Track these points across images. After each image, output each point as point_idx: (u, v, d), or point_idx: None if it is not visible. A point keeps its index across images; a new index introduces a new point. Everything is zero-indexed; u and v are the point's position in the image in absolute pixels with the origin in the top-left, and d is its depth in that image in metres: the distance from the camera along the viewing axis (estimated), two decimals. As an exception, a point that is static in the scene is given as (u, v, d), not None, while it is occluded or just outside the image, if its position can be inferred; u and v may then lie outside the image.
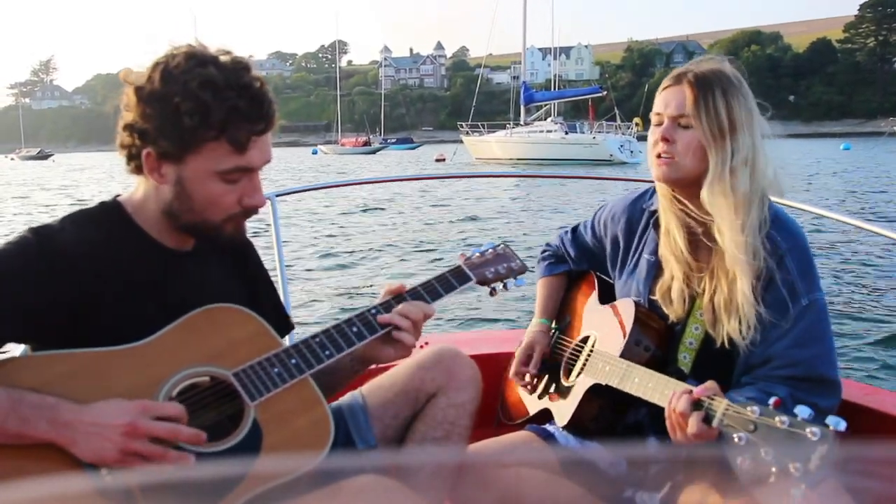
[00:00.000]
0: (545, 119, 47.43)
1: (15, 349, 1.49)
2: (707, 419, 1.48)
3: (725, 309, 1.74)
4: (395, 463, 1.67)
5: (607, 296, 2.11)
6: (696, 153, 1.76)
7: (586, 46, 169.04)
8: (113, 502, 1.20)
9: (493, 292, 1.96)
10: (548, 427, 2.06)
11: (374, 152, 78.85)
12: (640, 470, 1.84)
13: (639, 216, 2.02)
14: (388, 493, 1.55)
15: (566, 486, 1.84)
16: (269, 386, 1.55)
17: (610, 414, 1.91)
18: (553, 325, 2.25)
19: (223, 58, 1.55)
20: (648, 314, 1.91)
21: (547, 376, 2.16)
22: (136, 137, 1.55)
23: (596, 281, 2.19)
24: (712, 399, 1.48)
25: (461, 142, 51.90)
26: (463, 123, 51.59)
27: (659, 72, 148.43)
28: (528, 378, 2.16)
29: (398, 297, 1.77)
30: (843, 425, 1.23)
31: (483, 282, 1.93)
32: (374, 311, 1.74)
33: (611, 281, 2.14)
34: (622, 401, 1.79)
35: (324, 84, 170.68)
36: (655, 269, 1.92)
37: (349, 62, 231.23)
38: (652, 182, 1.95)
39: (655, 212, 1.96)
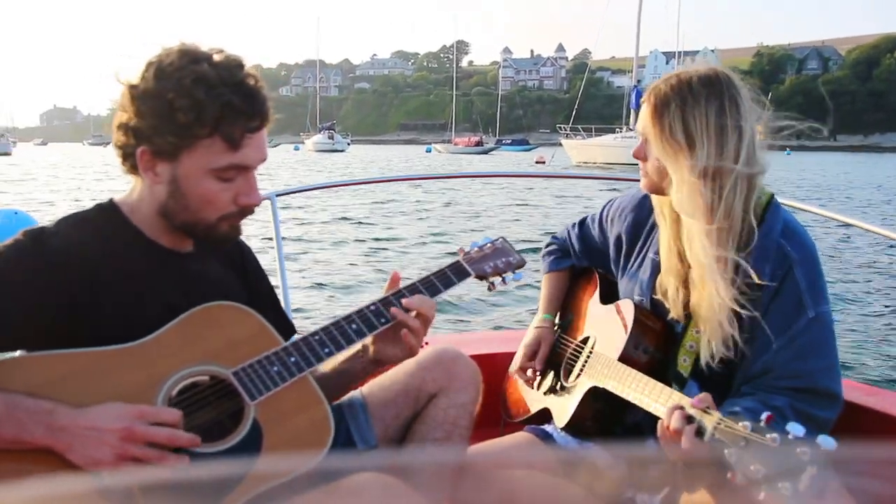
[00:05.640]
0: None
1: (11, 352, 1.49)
2: (699, 433, 1.47)
3: (706, 319, 1.73)
4: (396, 463, 1.66)
5: (610, 294, 2.09)
6: (661, 168, 1.77)
7: (712, 51, 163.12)
8: (113, 502, 1.18)
9: (491, 287, 1.95)
10: (546, 428, 2.06)
11: (485, 152, 79.36)
12: (640, 471, 1.80)
13: (647, 215, 1.99)
14: (387, 491, 1.55)
15: (566, 487, 1.84)
16: (269, 385, 1.55)
17: (609, 415, 1.89)
18: (556, 321, 2.25)
19: (217, 56, 1.55)
20: (648, 316, 1.88)
21: (548, 374, 2.15)
22: (130, 136, 1.55)
23: (598, 279, 2.17)
24: (705, 412, 1.47)
25: (560, 145, 51.43)
26: (563, 126, 51.05)
27: (789, 78, 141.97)
28: (530, 373, 2.15)
29: (397, 293, 1.77)
30: (833, 445, 1.21)
31: (481, 276, 1.92)
32: (373, 307, 1.74)
33: (612, 279, 2.12)
34: (621, 403, 1.77)
35: (444, 83, 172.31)
36: (660, 268, 1.90)
37: (470, 62, 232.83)
38: None
39: None
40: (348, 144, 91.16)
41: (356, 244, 12.72)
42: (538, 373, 2.15)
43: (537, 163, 48.89)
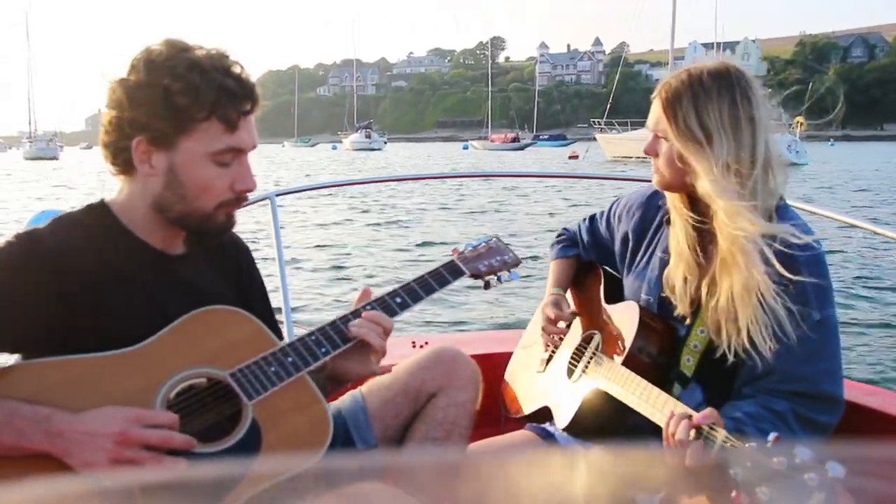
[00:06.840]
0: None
1: (7, 358, 1.49)
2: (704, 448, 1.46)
3: (727, 315, 1.71)
4: (395, 463, 1.62)
5: (615, 292, 2.09)
6: (675, 163, 1.76)
7: (753, 41, 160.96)
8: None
9: (487, 285, 1.96)
10: (547, 427, 2.05)
11: (521, 148, 79.53)
12: (640, 471, 1.89)
13: (654, 213, 1.99)
14: (390, 501, 1.56)
15: (566, 486, 1.91)
16: (267, 384, 1.55)
17: (610, 417, 1.89)
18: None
19: (199, 52, 1.58)
20: (653, 318, 1.88)
21: (550, 370, 2.15)
22: (124, 128, 1.55)
23: (603, 276, 2.17)
24: (712, 429, 1.47)
25: (594, 139, 51.06)
26: (597, 120, 50.63)
27: (833, 67, 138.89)
28: (558, 328, 2.11)
29: (368, 304, 1.75)
30: (841, 471, 1.19)
31: (476, 275, 1.93)
32: (369, 307, 1.73)
33: (618, 277, 2.11)
34: (623, 405, 1.77)
35: (480, 80, 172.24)
36: (667, 266, 1.89)
37: (506, 58, 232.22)
38: None
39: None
40: (385, 143, 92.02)
41: (357, 244, 12.69)
42: (569, 321, 2.12)
43: (570, 158, 48.54)
